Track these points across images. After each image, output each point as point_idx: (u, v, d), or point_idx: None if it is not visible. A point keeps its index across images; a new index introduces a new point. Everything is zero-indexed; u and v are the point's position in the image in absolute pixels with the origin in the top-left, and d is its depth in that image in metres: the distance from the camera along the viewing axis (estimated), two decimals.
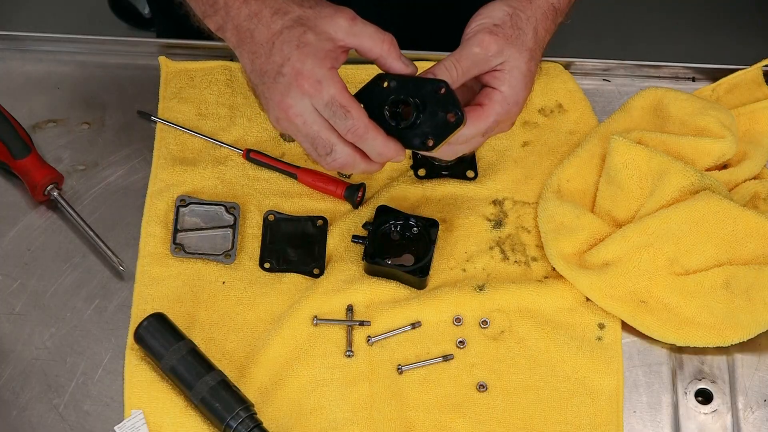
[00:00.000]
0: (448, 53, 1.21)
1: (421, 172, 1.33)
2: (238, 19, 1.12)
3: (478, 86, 1.17)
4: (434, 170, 1.33)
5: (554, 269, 1.27)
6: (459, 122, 1.10)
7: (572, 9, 1.22)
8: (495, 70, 1.14)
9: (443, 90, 1.10)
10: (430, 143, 1.11)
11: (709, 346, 1.22)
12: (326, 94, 1.08)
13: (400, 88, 1.12)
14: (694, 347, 1.23)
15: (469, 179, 1.32)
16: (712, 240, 1.22)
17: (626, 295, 1.23)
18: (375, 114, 1.11)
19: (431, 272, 1.26)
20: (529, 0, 1.17)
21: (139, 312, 1.23)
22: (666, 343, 1.24)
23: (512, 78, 1.14)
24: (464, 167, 1.33)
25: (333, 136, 1.10)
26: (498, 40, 1.13)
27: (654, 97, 1.33)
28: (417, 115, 1.11)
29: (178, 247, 1.27)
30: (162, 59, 1.39)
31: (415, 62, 1.11)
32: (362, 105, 1.10)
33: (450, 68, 1.13)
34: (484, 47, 1.14)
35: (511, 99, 1.14)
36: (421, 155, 1.33)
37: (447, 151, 1.15)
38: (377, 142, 1.10)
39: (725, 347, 1.22)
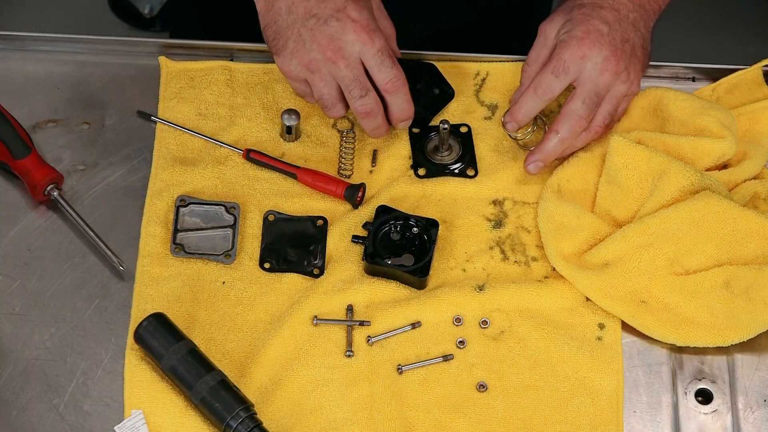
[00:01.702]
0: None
1: (421, 171, 1.33)
2: None
3: None
4: (434, 169, 1.33)
5: (554, 269, 1.27)
6: (450, 96, 1.35)
7: None
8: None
9: (433, 70, 1.35)
10: (428, 115, 1.34)
11: (709, 346, 1.22)
12: (378, 42, 1.20)
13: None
14: (694, 347, 1.23)
15: (470, 177, 1.32)
16: (712, 240, 1.22)
17: (626, 295, 1.23)
18: None
19: (431, 272, 1.26)
20: None
21: (139, 312, 1.23)
22: (666, 343, 1.24)
23: (568, 37, 1.23)
24: (465, 166, 1.33)
25: (368, 82, 1.22)
26: (551, 17, 1.27)
27: (654, 97, 1.33)
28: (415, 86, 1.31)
29: (178, 247, 1.27)
30: (162, 59, 1.39)
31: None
32: None
33: (531, 64, 1.28)
34: (541, 30, 1.27)
35: (571, 48, 1.24)
36: (422, 157, 1.33)
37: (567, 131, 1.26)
38: (406, 97, 1.24)
39: (725, 347, 1.22)
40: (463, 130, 1.35)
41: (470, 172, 1.33)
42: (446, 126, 1.30)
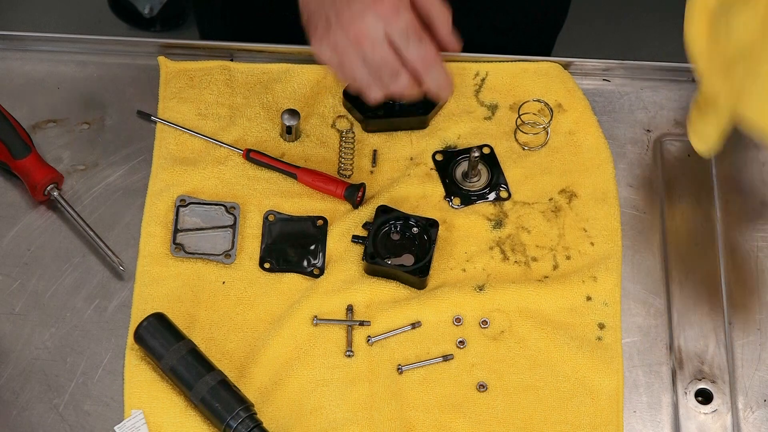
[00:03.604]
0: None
1: (456, 201, 1.30)
2: None
3: None
4: (467, 198, 1.31)
5: (554, 269, 1.27)
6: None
7: None
8: None
9: None
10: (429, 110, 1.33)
11: None
12: (403, 20, 1.10)
13: None
14: (694, 347, 1.23)
15: (504, 200, 1.31)
16: None
17: None
18: None
19: (431, 272, 1.26)
20: None
21: (139, 312, 1.23)
22: (666, 343, 1.24)
23: None
24: (498, 190, 1.31)
25: (398, 63, 1.12)
26: None
27: None
28: None
29: (178, 247, 1.27)
30: (161, 59, 1.39)
31: None
32: None
33: None
34: None
35: None
36: (453, 185, 1.32)
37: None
38: (442, 71, 1.14)
39: (725, 347, 1.22)
40: (486, 151, 1.33)
41: (503, 194, 1.32)
42: (477, 154, 1.28)
